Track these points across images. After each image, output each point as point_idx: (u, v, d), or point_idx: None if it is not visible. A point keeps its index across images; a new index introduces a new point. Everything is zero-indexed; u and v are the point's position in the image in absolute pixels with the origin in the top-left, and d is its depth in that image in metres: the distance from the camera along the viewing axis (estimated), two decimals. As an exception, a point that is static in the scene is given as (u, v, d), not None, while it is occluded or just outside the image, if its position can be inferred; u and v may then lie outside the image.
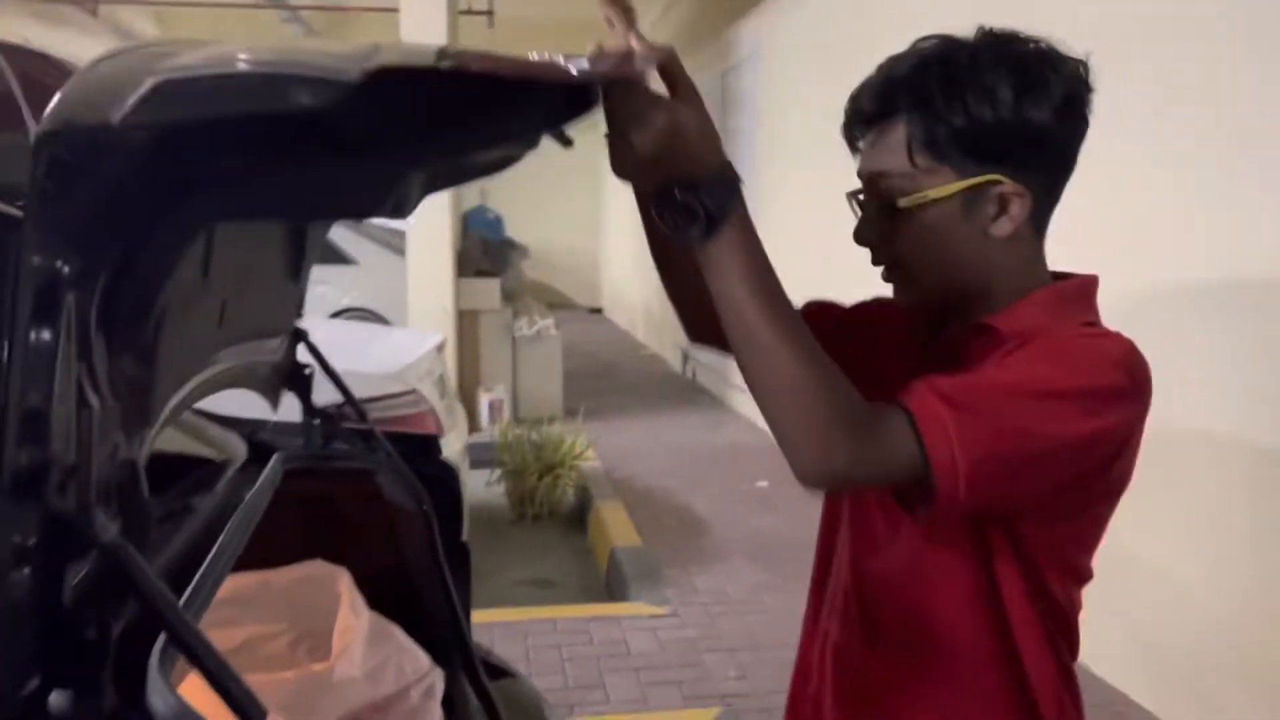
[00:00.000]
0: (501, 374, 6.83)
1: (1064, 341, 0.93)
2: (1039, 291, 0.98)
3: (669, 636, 3.46)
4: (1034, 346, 0.92)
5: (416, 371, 3.69)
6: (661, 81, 0.83)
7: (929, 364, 0.94)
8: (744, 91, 7.09)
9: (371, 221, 8.38)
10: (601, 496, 4.99)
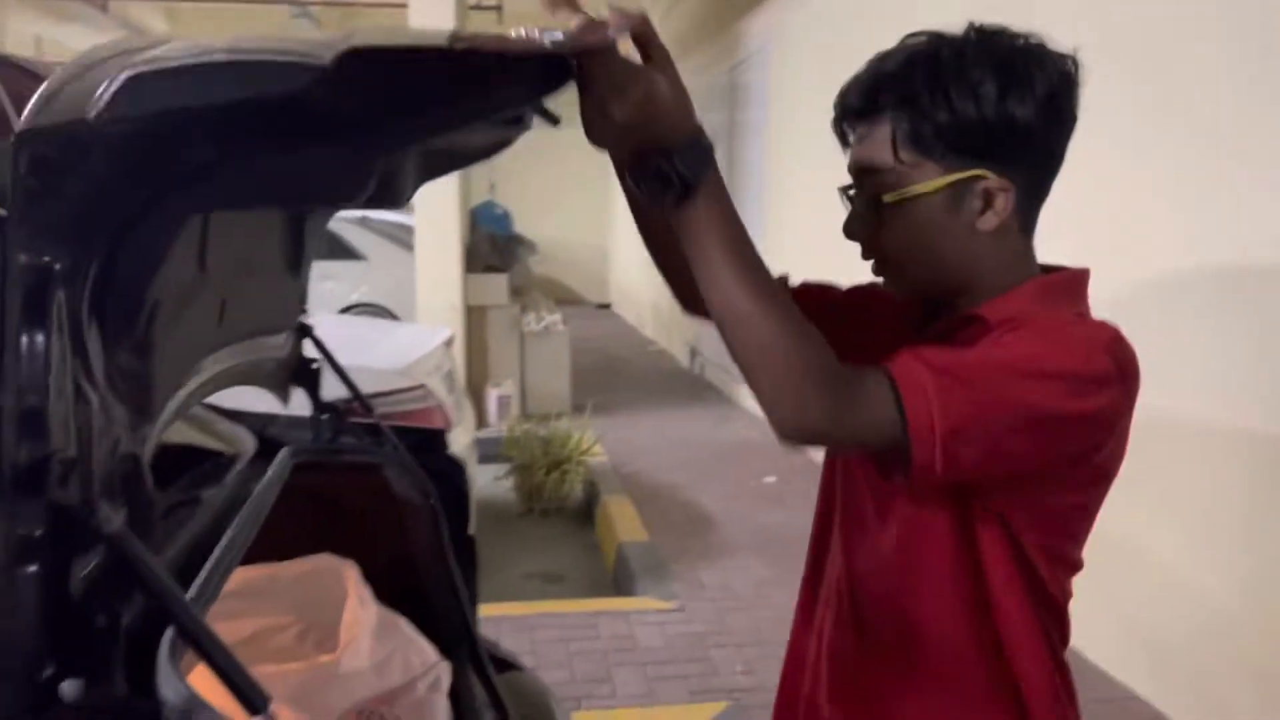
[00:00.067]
0: (509, 369, 6.83)
1: (1052, 326, 0.95)
2: (1027, 283, 0.99)
3: (676, 631, 3.47)
4: (1023, 329, 0.93)
5: (425, 367, 3.71)
6: (635, 49, 0.84)
7: None
8: (752, 86, 7.07)
9: (380, 216, 8.41)
10: (609, 491, 5.00)
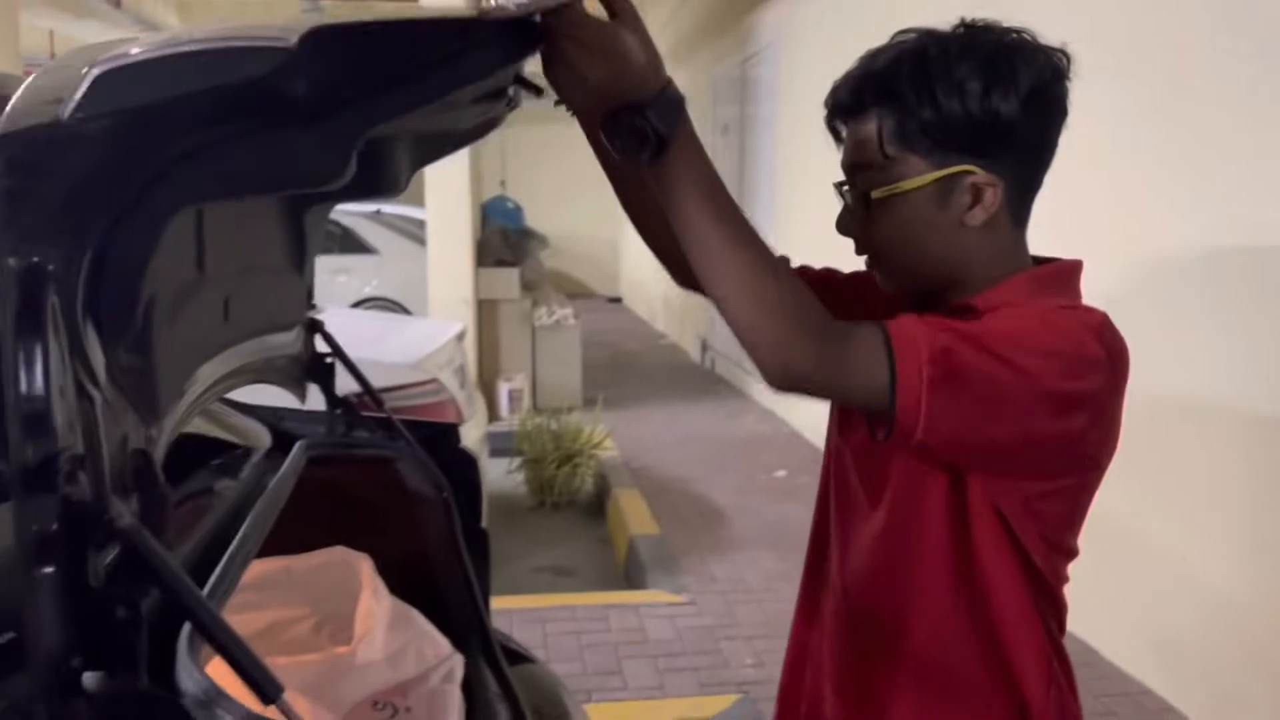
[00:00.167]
0: (521, 363, 6.85)
1: (1042, 310, 0.96)
2: (1018, 275, 1.00)
3: (686, 624, 3.48)
4: (1016, 310, 0.94)
5: (437, 361, 3.72)
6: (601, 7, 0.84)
7: None
8: (764, 80, 7.05)
9: (392, 210, 8.43)
10: (620, 485, 5.01)
